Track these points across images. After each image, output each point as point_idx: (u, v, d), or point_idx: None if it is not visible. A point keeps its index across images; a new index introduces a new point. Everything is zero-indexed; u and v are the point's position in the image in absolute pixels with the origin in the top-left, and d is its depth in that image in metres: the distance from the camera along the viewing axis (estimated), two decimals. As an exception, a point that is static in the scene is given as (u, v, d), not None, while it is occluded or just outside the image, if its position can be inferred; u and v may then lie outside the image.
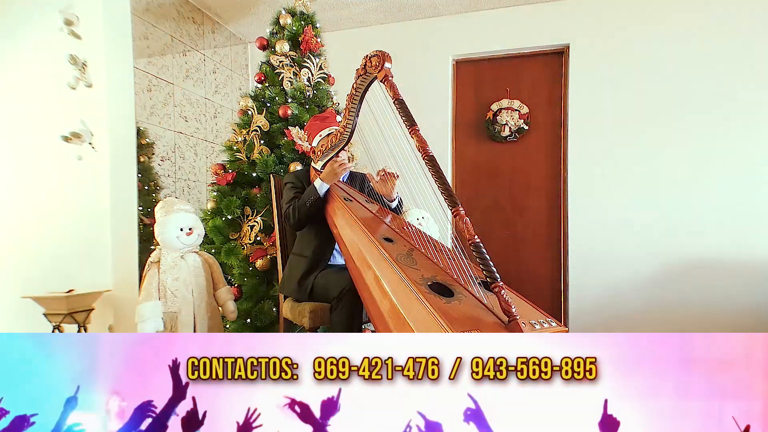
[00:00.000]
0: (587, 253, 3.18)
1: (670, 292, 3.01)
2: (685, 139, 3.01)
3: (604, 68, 3.18)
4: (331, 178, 1.88)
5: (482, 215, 3.50)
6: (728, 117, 2.94)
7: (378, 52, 1.47)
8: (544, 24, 3.32)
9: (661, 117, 3.06)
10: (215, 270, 2.01)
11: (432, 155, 1.33)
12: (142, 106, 3.05)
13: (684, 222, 3.00)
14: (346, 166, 1.85)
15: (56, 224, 2.74)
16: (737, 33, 2.93)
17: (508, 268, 3.40)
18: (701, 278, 2.96)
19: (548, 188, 3.39)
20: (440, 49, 3.56)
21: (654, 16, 3.08)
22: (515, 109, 3.42)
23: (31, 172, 2.80)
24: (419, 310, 1.20)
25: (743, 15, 2.92)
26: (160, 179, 3.18)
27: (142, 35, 3.05)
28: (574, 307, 3.21)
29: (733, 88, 2.93)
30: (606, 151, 3.17)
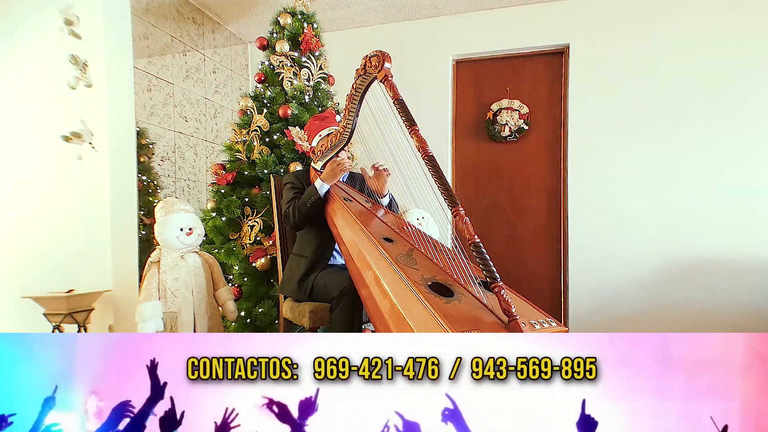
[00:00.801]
0: (587, 253, 3.18)
1: (670, 292, 3.01)
2: (685, 138, 3.01)
3: (604, 68, 3.18)
4: (331, 178, 1.88)
5: (482, 215, 3.50)
6: (728, 117, 2.94)
7: (378, 52, 1.47)
8: (544, 24, 3.32)
9: (661, 117, 3.06)
10: (215, 270, 2.01)
11: (432, 155, 1.33)
12: (142, 106, 3.05)
13: (684, 222, 3.00)
14: (346, 166, 1.86)
15: (56, 224, 2.74)
16: (737, 33, 2.93)
17: (508, 268, 3.40)
18: (701, 278, 2.96)
19: (548, 188, 3.39)
20: (440, 49, 3.56)
21: (654, 16, 3.08)
22: (515, 109, 3.42)
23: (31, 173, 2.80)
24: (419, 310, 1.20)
25: (743, 15, 2.92)
26: (160, 179, 3.18)
27: (142, 35, 3.05)
28: (574, 307, 3.21)
29: (733, 88, 2.93)
30: (606, 151, 3.17)
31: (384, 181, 1.94)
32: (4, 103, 2.84)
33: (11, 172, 2.83)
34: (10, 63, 2.83)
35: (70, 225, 2.71)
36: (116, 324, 2.66)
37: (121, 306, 2.64)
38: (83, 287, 2.57)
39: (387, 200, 1.99)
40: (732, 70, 2.94)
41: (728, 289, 2.91)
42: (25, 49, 2.79)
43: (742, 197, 2.91)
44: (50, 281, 2.62)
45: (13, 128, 2.83)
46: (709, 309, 2.93)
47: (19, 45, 2.80)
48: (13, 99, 2.83)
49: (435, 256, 1.51)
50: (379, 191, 1.96)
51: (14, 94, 2.83)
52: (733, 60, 2.93)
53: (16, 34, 2.83)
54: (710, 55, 2.97)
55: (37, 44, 2.75)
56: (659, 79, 3.06)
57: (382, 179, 1.94)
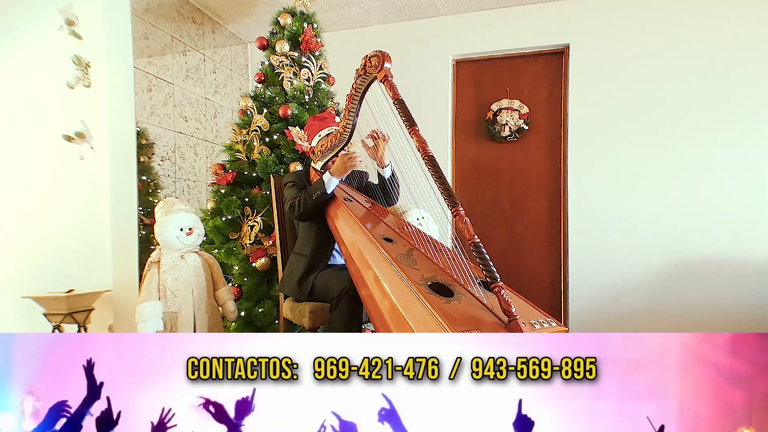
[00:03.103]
0: (587, 253, 3.18)
1: (670, 292, 3.01)
2: (685, 138, 3.01)
3: (604, 68, 3.18)
4: (341, 172, 1.85)
5: (482, 215, 3.50)
6: (728, 117, 2.94)
7: (378, 52, 1.47)
8: (544, 24, 3.32)
9: (661, 117, 3.06)
10: (215, 270, 2.01)
11: (432, 155, 1.33)
12: (142, 106, 3.05)
13: (684, 222, 3.00)
14: (357, 160, 1.84)
15: (56, 224, 2.74)
16: (737, 33, 2.93)
17: (508, 268, 3.40)
18: (701, 278, 2.96)
19: (548, 188, 3.39)
20: (440, 49, 3.56)
21: (654, 16, 3.08)
22: (515, 109, 3.42)
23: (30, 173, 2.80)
24: (419, 310, 1.20)
25: (743, 14, 2.92)
26: (160, 179, 3.18)
27: (142, 35, 3.05)
28: (574, 307, 3.20)
29: (733, 88, 2.93)
30: (606, 150, 3.17)
31: (382, 148, 1.87)
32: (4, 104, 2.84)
33: (11, 172, 2.83)
34: (9, 63, 2.83)
35: (70, 225, 2.71)
36: (116, 324, 2.66)
37: (121, 306, 2.63)
38: (83, 287, 2.57)
39: (389, 171, 1.94)
40: (732, 70, 2.94)
41: (728, 289, 2.91)
42: (25, 50, 2.79)
43: (742, 197, 2.91)
44: (50, 281, 2.62)
45: (13, 128, 2.83)
46: (709, 309, 2.93)
47: (19, 45, 2.80)
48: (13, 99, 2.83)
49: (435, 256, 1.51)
50: (379, 161, 1.91)
51: (14, 95, 2.83)
52: (734, 60, 2.93)
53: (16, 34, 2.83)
54: (710, 55, 2.97)
55: (37, 44, 2.75)
56: (659, 79, 3.06)
57: (380, 147, 1.88)
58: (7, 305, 2.76)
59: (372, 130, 1.87)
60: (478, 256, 1.19)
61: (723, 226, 2.93)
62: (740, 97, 2.92)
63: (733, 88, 2.93)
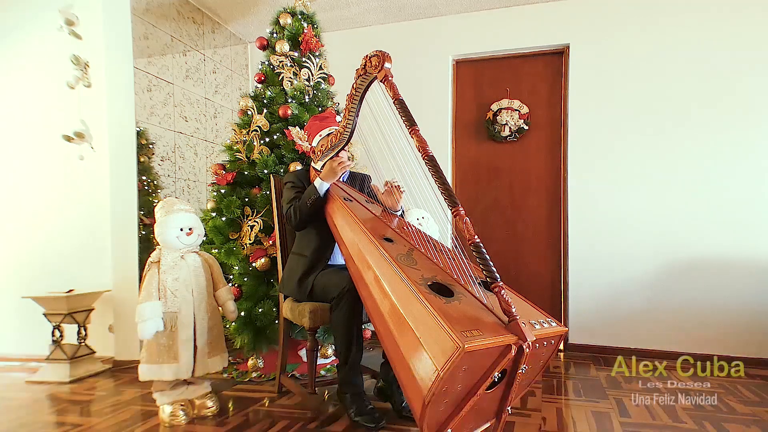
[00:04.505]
0: (587, 253, 3.18)
1: (670, 292, 3.01)
2: (685, 138, 3.01)
3: (604, 68, 3.18)
4: (330, 177, 1.88)
5: (482, 215, 3.50)
6: (728, 116, 2.93)
7: (378, 52, 1.48)
8: (544, 24, 3.32)
9: (661, 117, 3.06)
10: (215, 270, 2.00)
11: (432, 155, 1.33)
12: (142, 106, 3.05)
13: (684, 222, 2.99)
14: (345, 164, 1.86)
15: (56, 224, 2.74)
16: (737, 33, 2.93)
17: (508, 268, 3.40)
18: (701, 278, 2.96)
19: (548, 188, 3.38)
20: (440, 49, 3.56)
21: (654, 16, 3.08)
22: (515, 109, 3.41)
23: (31, 173, 2.80)
24: (419, 310, 1.20)
25: (743, 14, 2.91)
26: (160, 179, 3.18)
27: (142, 35, 3.05)
28: (574, 307, 3.20)
29: (733, 88, 2.93)
30: (606, 150, 3.16)
31: (397, 198, 1.91)
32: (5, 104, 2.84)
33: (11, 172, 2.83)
34: (10, 63, 2.83)
35: (70, 225, 2.72)
36: (116, 324, 2.66)
37: (121, 306, 2.64)
38: (83, 287, 2.58)
39: (398, 214, 1.97)
40: (732, 70, 2.93)
41: (728, 289, 2.90)
42: (26, 50, 2.79)
43: (742, 197, 2.90)
44: (50, 281, 2.62)
45: (13, 128, 2.83)
46: (710, 309, 2.93)
47: (19, 45, 2.80)
48: (14, 99, 2.83)
49: (435, 256, 1.51)
50: (392, 207, 1.94)
51: (14, 95, 2.83)
52: (734, 60, 2.93)
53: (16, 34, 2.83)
54: (710, 55, 2.97)
55: (38, 44, 2.76)
56: (659, 79, 3.06)
57: (393, 197, 1.91)
58: (7, 305, 2.76)
59: (386, 182, 1.89)
60: (478, 255, 1.19)
61: (723, 226, 2.93)
62: (740, 97, 2.92)
63: (733, 87, 2.93)
